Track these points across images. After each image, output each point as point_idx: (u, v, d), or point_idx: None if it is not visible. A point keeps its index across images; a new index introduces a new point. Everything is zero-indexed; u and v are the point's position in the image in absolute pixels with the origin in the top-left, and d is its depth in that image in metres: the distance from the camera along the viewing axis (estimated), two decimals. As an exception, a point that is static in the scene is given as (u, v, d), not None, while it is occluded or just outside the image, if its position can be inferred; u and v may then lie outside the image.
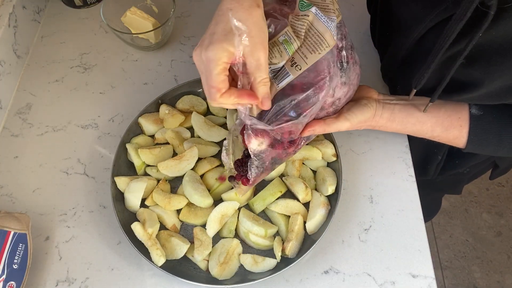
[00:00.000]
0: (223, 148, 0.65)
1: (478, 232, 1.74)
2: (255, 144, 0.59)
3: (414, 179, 0.77)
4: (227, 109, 0.82)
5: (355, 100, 0.68)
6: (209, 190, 0.74)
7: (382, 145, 0.80)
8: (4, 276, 0.62)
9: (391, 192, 0.75)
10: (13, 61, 0.87)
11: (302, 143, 0.65)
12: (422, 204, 0.74)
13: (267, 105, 0.55)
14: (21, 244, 0.65)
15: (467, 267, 1.66)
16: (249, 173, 0.62)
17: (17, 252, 0.64)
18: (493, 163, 0.90)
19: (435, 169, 0.87)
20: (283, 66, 0.57)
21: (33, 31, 0.95)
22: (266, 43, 0.53)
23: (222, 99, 0.53)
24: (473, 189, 1.83)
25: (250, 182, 0.62)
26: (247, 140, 0.59)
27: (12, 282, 0.62)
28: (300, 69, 0.56)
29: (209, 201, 0.71)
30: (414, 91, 0.63)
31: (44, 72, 0.90)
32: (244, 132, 0.59)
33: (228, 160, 0.66)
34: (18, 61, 0.89)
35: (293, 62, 0.57)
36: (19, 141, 0.81)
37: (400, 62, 0.71)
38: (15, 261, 0.63)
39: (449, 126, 0.65)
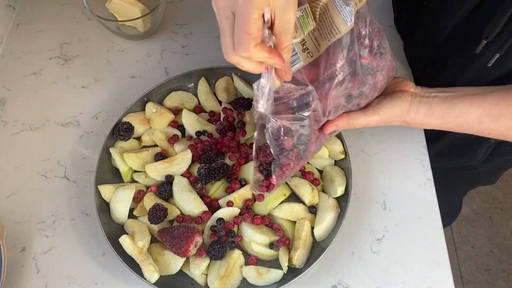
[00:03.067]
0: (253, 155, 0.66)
1: (503, 242, 1.74)
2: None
3: (432, 183, 0.77)
4: (221, 106, 0.82)
5: (387, 93, 0.68)
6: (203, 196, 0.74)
7: (397, 145, 0.80)
8: (-25, 292, 0.62)
9: (406, 197, 0.75)
10: (-14, 52, 0.87)
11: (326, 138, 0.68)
12: (440, 207, 0.74)
13: (290, 74, 0.54)
14: (-6, 256, 0.65)
15: (492, 281, 1.67)
16: (273, 177, 0.64)
17: (-10, 265, 0.64)
18: None
19: (484, 153, 0.86)
20: (294, 50, 0.58)
21: (8, 18, 0.95)
22: (296, 6, 0.51)
23: (255, 51, 0.49)
24: (498, 195, 1.83)
25: (275, 185, 0.66)
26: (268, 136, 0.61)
27: (-16, 298, 0.62)
28: (311, 57, 0.58)
29: (202, 208, 0.71)
30: (484, 42, 0.62)
31: (19, 64, 0.90)
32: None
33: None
34: (-9, 51, 0.89)
35: (304, 46, 0.58)
36: (-8, 140, 0.82)
37: (441, 42, 0.71)
38: (-12, 274, 0.63)
39: (498, 116, 0.64)
